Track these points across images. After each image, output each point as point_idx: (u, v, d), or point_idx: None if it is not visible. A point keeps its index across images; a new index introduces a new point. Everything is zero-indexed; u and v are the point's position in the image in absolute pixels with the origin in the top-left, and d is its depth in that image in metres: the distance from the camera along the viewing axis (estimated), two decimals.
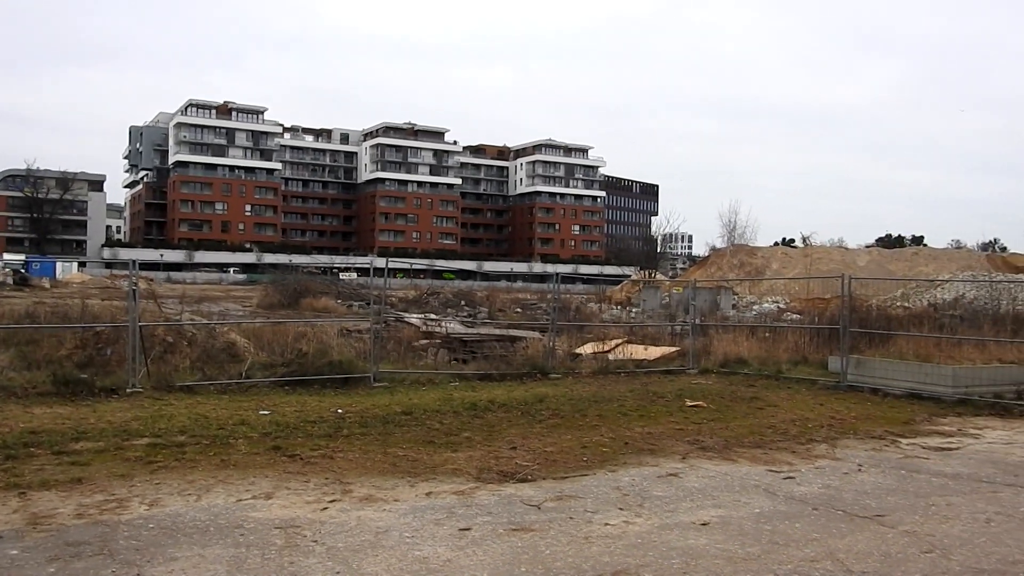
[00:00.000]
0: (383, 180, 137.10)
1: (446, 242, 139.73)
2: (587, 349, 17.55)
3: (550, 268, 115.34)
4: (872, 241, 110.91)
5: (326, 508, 6.29)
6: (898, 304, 34.65)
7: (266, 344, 14.61)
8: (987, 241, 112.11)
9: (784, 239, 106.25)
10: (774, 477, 7.73)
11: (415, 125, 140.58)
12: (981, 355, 15.05)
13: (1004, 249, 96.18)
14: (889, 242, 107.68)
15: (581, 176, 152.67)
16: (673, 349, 18.32)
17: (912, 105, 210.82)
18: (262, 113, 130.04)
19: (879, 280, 40.81)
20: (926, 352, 15.14)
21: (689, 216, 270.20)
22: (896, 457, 8.84)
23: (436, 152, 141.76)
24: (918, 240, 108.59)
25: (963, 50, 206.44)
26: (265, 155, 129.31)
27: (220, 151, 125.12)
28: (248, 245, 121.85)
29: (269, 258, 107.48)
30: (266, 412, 10.24)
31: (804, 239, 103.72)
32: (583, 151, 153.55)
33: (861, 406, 12.39)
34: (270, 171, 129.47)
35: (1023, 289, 37.00)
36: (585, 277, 65.58)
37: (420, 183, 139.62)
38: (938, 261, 68.91)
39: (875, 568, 5.17)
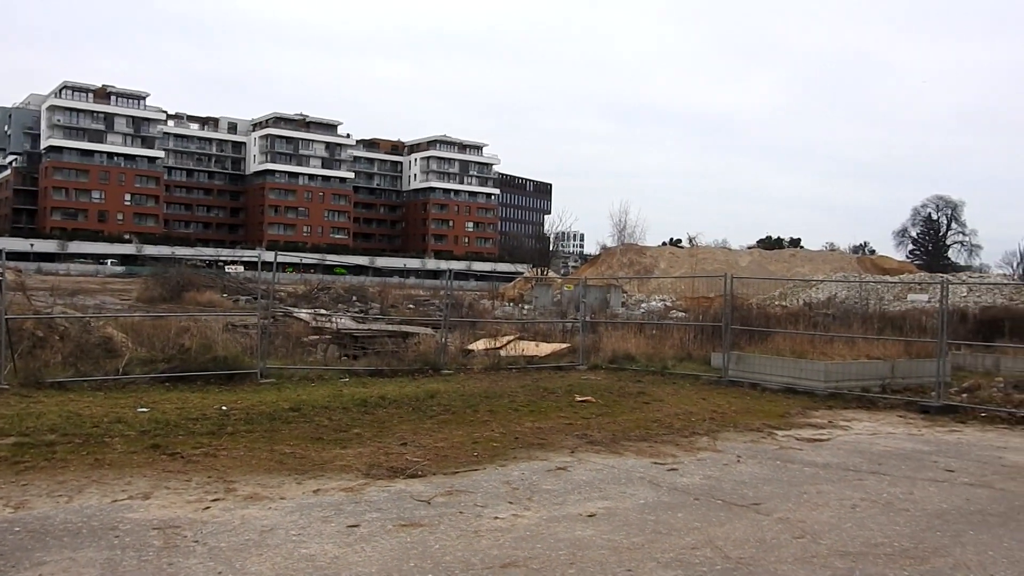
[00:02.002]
0: (273, 172, 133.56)
1: (338, 236, 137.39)
2: (479, 345, 17.62)
3: (443, 264, 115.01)
4: (754, 242, 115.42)
5: (208, 507, 6.10)
6: (776, 303, 36.23)
7: (146, 339, 14.01)
8: (858, 244, 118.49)
9: (672, 239, 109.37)
10: (659, 469, 7.96)
11: (307, 116, 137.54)
12: (851, 352, 15.88)
13: (873, 252, 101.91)
14: (769, 244, 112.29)
15: (476, 173, 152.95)
16: (564, 346, 18.60)
17: (793, 113, 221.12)
18: (144, 98, 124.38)
19: (759, 280, 42.54)
20: (801, 349, 15.86)
21: (581, 215, 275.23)
22: (772, 448, 9.25)
23: (328, 145, 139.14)
24: (796, 242, 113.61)
25: (840, 63, 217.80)
26: (147, 142, 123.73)
27: (97, 137, 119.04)
28: (127, 236, 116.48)
29: (150, 250, 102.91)
30: (145, 409, 9.83)
31: (691, 239, 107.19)
32: (478, 148, 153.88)
33: (741, 400, 12.91)
34: (152, 159, 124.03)
35: (889, 290, 39.37)
36: (478, 274, 65.84)
37: (311, 176, 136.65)
38: (814, 262, 72.45)
39: (751, 554, 5.40)
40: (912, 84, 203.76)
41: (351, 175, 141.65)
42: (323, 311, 21.44)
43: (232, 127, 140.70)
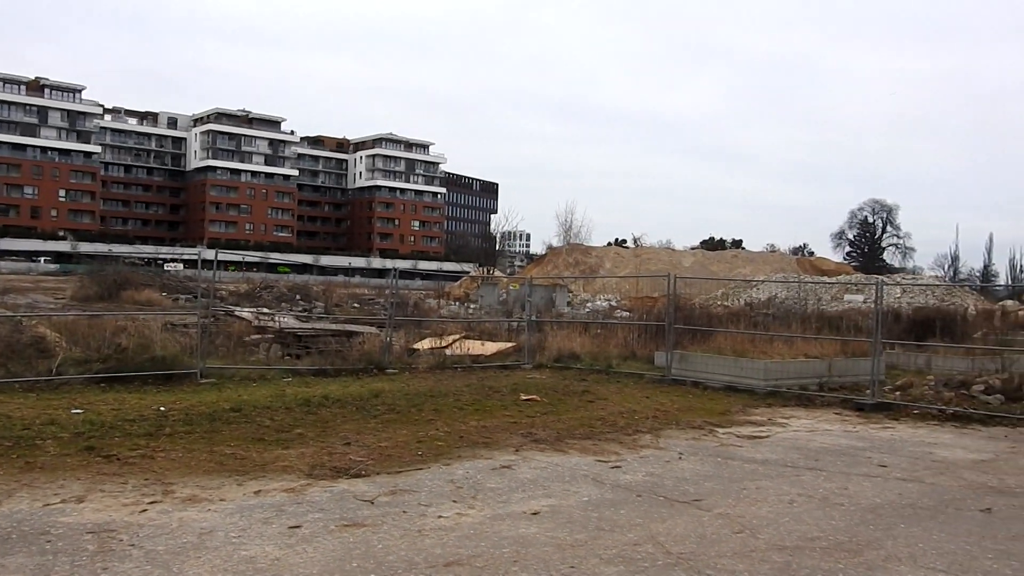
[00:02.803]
0: (214, 168, 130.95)
1: (281, 235, 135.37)
2: (425, 345, 17.56)
3: (389, 263, 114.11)
4: (697, 243, 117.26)
5: (145, 510, 5.96)
6: (719, 303, 36.86)
7: (81, 338, 13.62)
8: (798, 246, 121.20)
9: (617, 239, 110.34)
10: (602, 467, 8.03)
11: (250, 112, 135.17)
12: (790, 350, 16.23)
13: (812, 253, 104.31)
14: (712, 245, 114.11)
15: (422, 172, 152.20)
16: (509, 345, 18.63)
17: (736, 115, 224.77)
18: (79, 92, 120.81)
19: (702, 280, 43.21)
20: (742, 348, 16.15)
21: (527, 215, 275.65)
22: (713, 445, 9.41)
23: (272, 141, 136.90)
24: (738, 243, 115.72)
25: (780, 67, 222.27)
26: (82, 137, 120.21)
27: (30, 130, 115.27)
28: (62, 233, 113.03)
29: (86, 247, 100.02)
30: (79, 411, 9.56)
31: (635, 240, 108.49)
32: (424, 147, 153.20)
33: (684, 398, 13.09)
34: (88, 154, 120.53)
35: (827, 290, 40.34)
36: (424, 273, 65.59)
37: (254, 173, 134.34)
38: (755, 263, 73.91)
39: (692, 549, 5.48)
40: (849, 89, 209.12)
41: (295, 172, 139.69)
42: (266, 310, 21.13)
43: (172, 122, 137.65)
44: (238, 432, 8.91)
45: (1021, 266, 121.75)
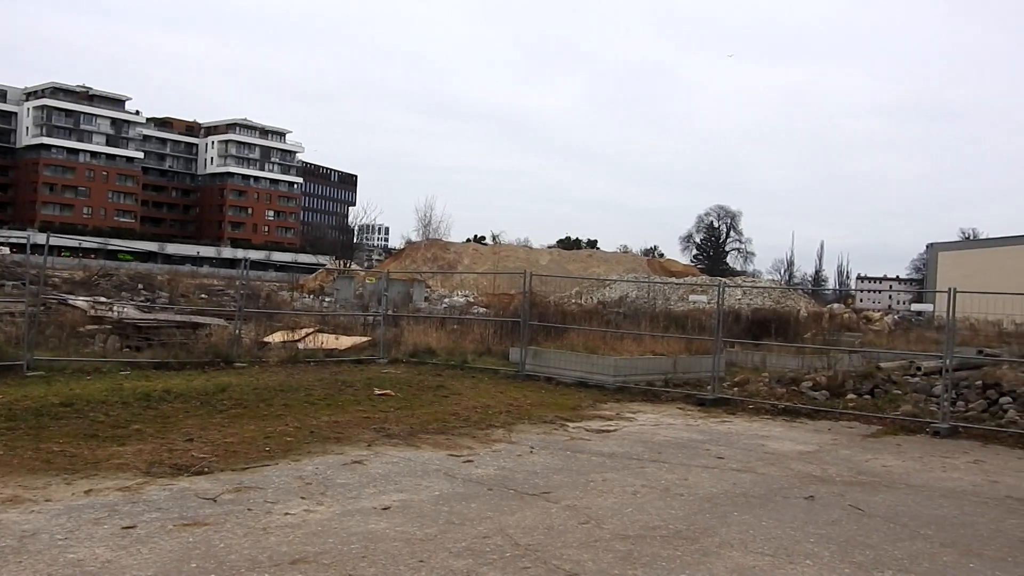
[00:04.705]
0: (48, 147, 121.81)
1: (123, 220, 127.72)
2: (276, 338, 17.06)
3: (240, 253, 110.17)
4: (554, 242, 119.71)
5: None
6: (573, 301, 37.76)
7: None
8: (649, 247, 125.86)
9: (476, 236, 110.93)
10: (455, 461, 8.06)
11: (90, 89, 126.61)
12: (639, 348, 16.85)
13: (662, 255, 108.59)
14: (568, 244, 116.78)
15: (278, 160, 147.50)
16: (365, 339, 18.40)
17: (594, 118, 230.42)
18: None
19: (558, 278, 44.12)
20: (594, 345, 16.63)
21: (387, 208, 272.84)
22: (564, 439, 9.63)
23: (115, 121, 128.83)
24: (593, 243, 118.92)
25: (638, 74, 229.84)
26: None
27: None
28: None
29: None
30: None
31: (494, 237, 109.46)
32: (281, 134, 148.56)
33: (536, 394, 13.34)
34: None
35: (675, 291, 42.13)
36: (278, 264, 63.66)
37: (94, 153, 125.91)
38: (608, 263, 76.24)
39: (539, 540, 5.60)
40: (701, 99, 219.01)
41: (140, 155, 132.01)
42: (103, 299, 19.90)
43: (1, 94, 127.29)
44: (68, 428, 8.36)
45: (847, 272, 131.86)
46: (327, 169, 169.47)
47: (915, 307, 36.02)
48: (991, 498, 7.65)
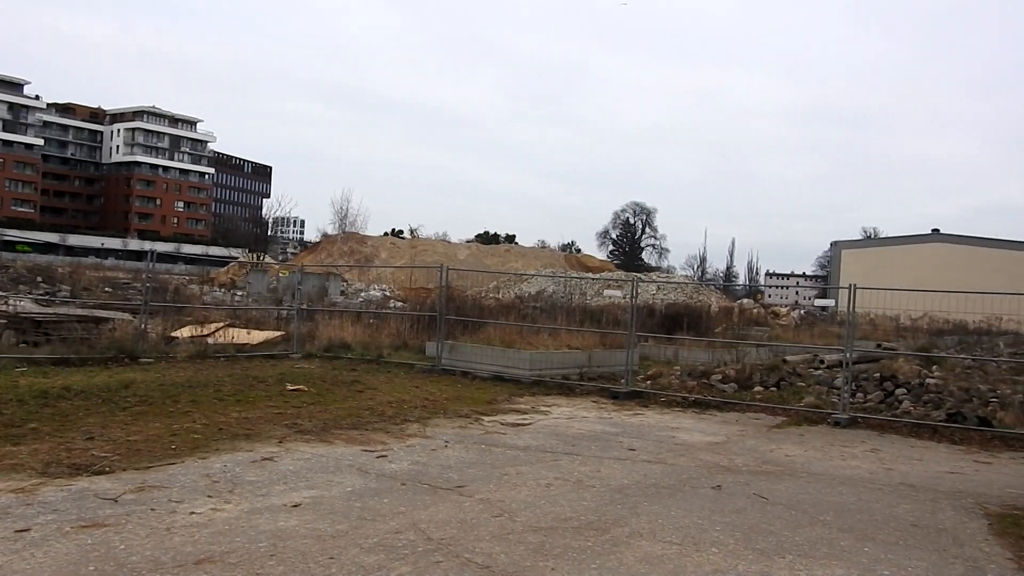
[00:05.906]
0: None
1: (21, 209, 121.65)
2: (185, 332, 16.57)
3: (148, 245, 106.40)
4: (472, 236, 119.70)
5: None
6: (491, 295, 37.86)
7: None
8: (567, 243, 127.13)
9: (394, 230, 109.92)
10: (368, 456, 7.98)
11: None
12: (555, 342, 17.01)
13: (579, 251, 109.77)
14: (487, 239, 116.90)
15: (188, 150, 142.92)
16: (277, 333, 18.04)
17: (512, 114, 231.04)
18: None
19: (475, 272, 44.15)
20: (511, 339, 16.71)
21: (302, 201, 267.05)
22: (479, 433, 9.65)
23: (12, 106, 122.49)
24: (511, 238, 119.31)
25: (556, 72, 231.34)
26: None
27: None
28: None
29: None
30: None
31: (412, 231, 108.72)
32: (192, 123, 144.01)
33: (452, 388, 13.32)
34: None
35: (591, 286, 42.66)
36: (188, 257, 61.83)
37: None
38: (526, 258, 76.70)
39: (452, 534, 5.59)
40: (619, 97, 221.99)
41: (39, 142, 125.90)
42: None
43: None
44: None
45: (757, 268, 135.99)
46: (240, 160, 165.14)
47: (819, 303, 37.42)
48: (886, 485, 8.01)
